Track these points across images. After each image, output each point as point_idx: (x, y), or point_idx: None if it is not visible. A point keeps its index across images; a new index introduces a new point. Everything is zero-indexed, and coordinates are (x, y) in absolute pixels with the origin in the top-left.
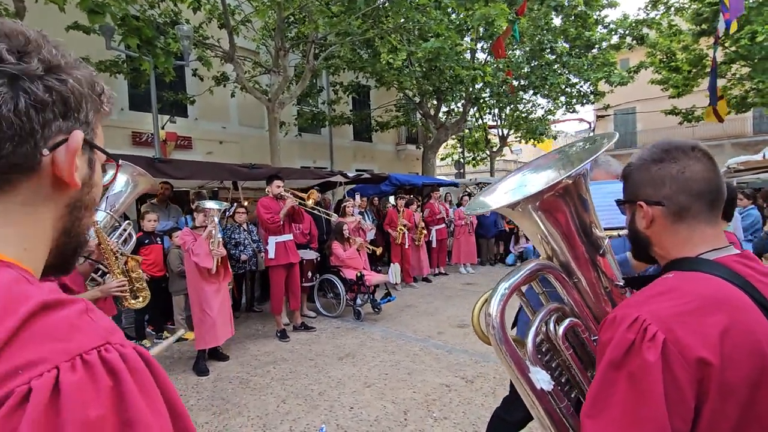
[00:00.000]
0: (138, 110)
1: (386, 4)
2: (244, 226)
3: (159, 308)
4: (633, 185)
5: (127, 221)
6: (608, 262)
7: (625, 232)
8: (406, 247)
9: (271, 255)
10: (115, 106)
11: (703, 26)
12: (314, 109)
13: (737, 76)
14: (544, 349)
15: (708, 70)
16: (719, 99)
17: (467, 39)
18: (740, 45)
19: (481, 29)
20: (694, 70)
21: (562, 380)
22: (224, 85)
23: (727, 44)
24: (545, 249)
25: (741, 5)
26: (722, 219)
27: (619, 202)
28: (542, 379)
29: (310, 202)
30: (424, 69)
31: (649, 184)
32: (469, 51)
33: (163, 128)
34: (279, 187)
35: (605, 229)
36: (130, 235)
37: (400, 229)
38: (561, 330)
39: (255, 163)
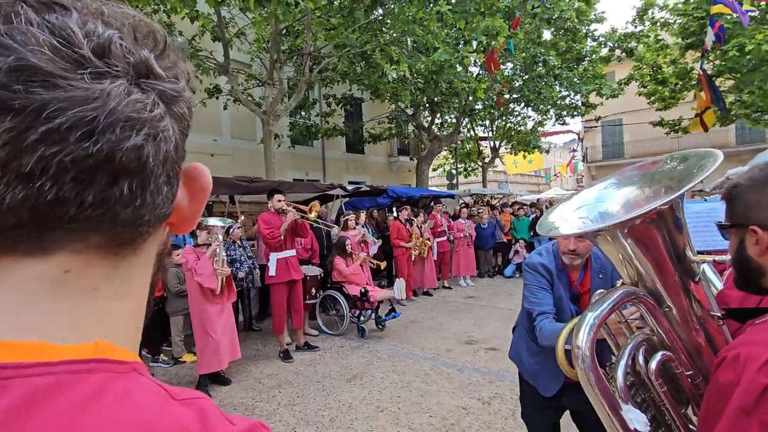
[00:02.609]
0: None
1: (382, 18)
2: (239, 242)
3: (155, 329)
4: (742, 208)
5: None
6: (702, 289)
7: (722, 257)
8: (412, 260)
9: (272, 272)
10: None
11: (690, 40)
12: (307, 121)
13: (722, 89)
14: (628, 383)
15: (694, 82)
16: (706, 110)
17: (464, 51)
18: (727, 58)
19: (474, 43)
20: (680, 83)
21: (648, 417)
22: (217, 98)
23: (711, 57)
24: (628, 273)
25: (746, 19)
26: None
27: (721, 226)
28: (637, 419)
29: (312, 215)
30: (422, 82)
31: (766, 207)
32: (472, 57)
33: None
34: (280, 201)
35: (698, 253)
36: None
37: (423, 242)
38: (654, 364)
39: (248, 176)
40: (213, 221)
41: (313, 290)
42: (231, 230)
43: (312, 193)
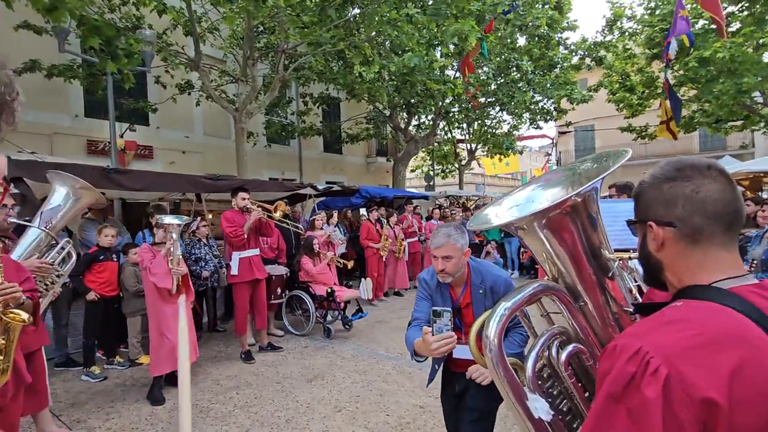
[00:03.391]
0: (94, 117)
1: (357, 18)
2: (205, 240)
3: (110, 330)
4: (644, 204)
5: (67, 239)
6: (618, 285)
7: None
8: (384, 260)
9: (234, 271)
10: (69, 113)
11: (655, 50)
12: (283, 120)
13: (685, 98)
14: (545, 375)
15: (659, 91)
16: (670, 120)
17: (438, 54)
18: (688, 68)
19: (451, 46)
20: (647, 91)
21: (564, 409)
22: (189, 94)
23: (676, 68)
24: (551, 269)
25: (685, 27)
26: None
27: (629, 222)
28: (541, 407)
29: (277, 215)
30: (397, 83)
31: (661, 204)
32: (442, 62)
33: (121, 137)
34: (244, 199)
35: (616, 251)
36: (69, 254)
37: (399, 242)
38: (564, 356)
39: (220, 174)
40: (168, 219)
41: (279, 290)
42: (190, 227)
43: (281, 192)
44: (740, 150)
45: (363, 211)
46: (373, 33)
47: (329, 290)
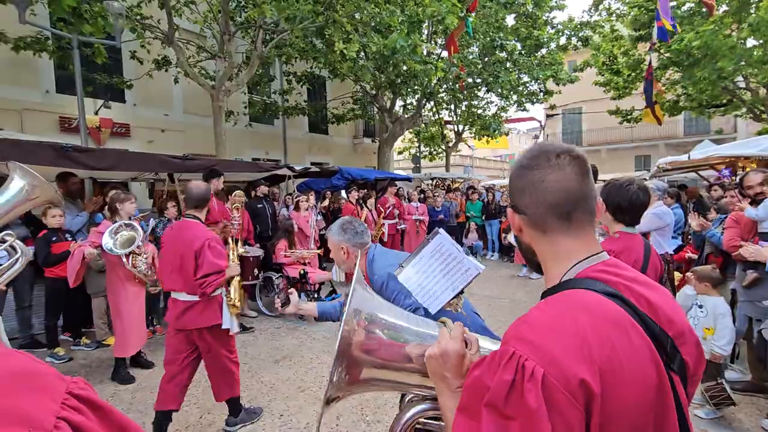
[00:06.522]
0: (66, 93)
1: None
2: (174, 221)
3: (75, 312)
4: (510, 190)
5: (8, 232)
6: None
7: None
8: None
9: None
10: (39, 88)
11: (641, 32)
12: (266, 98)
13: (670, 81)
14: None
15: (644, 74)
16: (654, 104)
17: (425, 33)
18: (671, 51)
19: (440, 27)
20: (633, 74)
21: None
22: (166, 70)
23: (661, 51)
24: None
25: (671, 20)
26: (629, 223)
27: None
28: None
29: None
30: (378, 63)
31: (516, 191)
32: (425, 47)
33: (96, 114)
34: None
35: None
36: (13, 247)
37: (379, 226)
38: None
39: (200, 153)
40: (110, 247)
41: (256, 271)
42: (146, 234)
43: (257, 173)
44: (715, 135)
45: (343, 193)
46: (354, 9)
47: (302, 272)
